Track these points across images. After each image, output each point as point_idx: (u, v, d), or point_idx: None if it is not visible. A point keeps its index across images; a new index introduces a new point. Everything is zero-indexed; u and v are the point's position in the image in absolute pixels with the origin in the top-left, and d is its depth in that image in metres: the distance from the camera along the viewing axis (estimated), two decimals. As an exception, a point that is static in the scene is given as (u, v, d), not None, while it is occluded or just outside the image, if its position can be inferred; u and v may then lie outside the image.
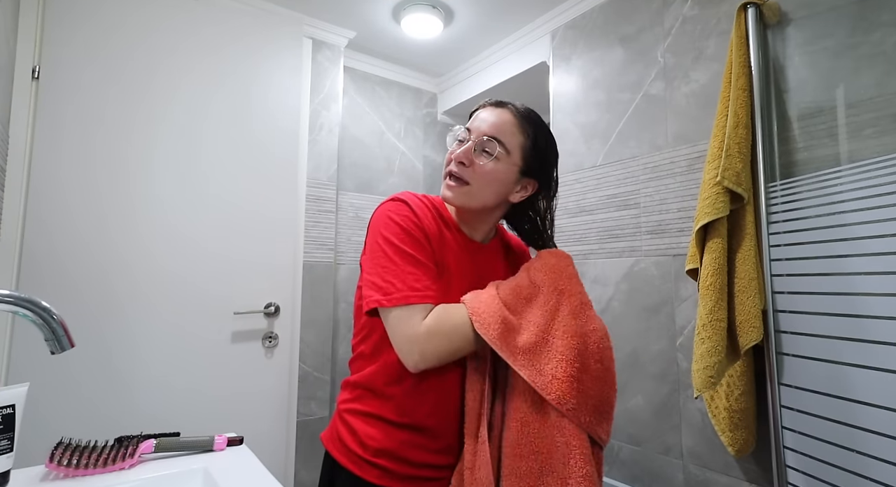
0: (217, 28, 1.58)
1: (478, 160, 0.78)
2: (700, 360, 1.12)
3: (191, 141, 1.51)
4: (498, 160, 0.78)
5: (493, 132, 0.78)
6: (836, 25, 1.10)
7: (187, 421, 1.41)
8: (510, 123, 0.79)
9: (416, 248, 0.75)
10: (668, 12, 1.51)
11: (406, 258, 0.74)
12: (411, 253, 0.74)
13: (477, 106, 0.85)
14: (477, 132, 0.79)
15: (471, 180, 0.78)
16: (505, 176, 0.79)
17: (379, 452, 0.76)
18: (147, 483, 0.73)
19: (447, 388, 0.78)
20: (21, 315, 0.64)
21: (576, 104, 1.80)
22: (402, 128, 2.38)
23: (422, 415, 0.77)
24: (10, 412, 0.69)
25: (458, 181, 0.78)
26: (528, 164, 0.81)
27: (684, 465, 1.38)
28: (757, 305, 1.10)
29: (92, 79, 1.38)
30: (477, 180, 0.78)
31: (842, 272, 0.98)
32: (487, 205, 0.81)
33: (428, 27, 1.90)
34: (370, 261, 0.76)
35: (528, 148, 0.80)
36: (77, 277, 1.29)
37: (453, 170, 0.79)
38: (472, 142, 0.78)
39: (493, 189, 0.79)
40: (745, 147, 1.13)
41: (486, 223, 0.86)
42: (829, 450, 0.99)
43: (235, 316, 1.54)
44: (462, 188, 0.78)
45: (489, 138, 0.77)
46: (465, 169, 0.78)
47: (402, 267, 0.73)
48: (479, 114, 0.82)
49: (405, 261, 0.73)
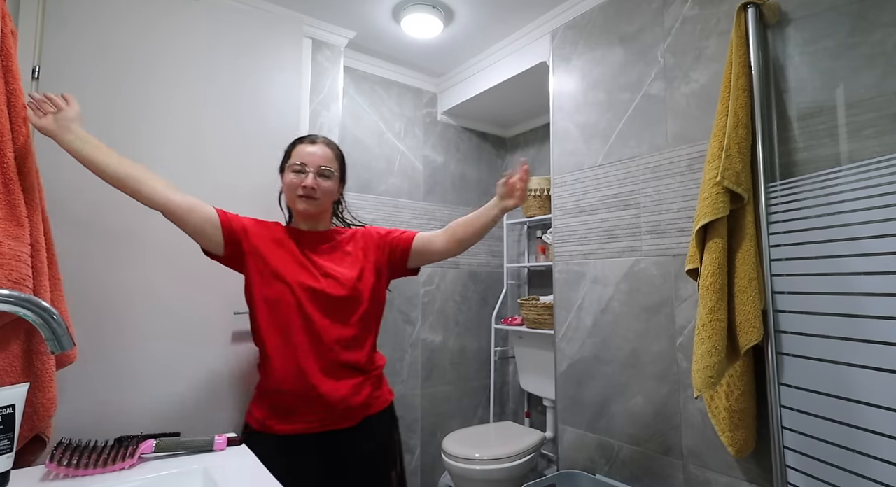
0: (217, 28, 1.58)
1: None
2: (700, 360, 1.12)
3: (190, 140, 1.51)
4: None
5: (325, 162, 1.15)
6: (836, 25, 1.10)
7: (187, 422, 1.41)
8: (330, 154, 1.18)
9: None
10: (668, 12, 1.51)
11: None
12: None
13: (295, 142, 1.21)
14: (312, 164, 1.14)
15: (319, 196, 1.15)
16: (335, 187, 1.20)
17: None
18: (147, 483, 0.73)
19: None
20: (21, 315, 0.64)
21: (576, 104, 1.80)
22: (402, 128, 2.38)
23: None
24: (10, 412, 0.69)
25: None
26: (342, 175, 1.23)
27: (684, 465, 1.38)
28: (757, 305, 1.10)
29: (92, 79, 1.38)
30: (322, 195, 1.16)
31: (841, 272, 0.98)
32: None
33: (428, 27, 1.90)
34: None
35: (341, 165, 1.22)
36: (77, 276, 1.29)
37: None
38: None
39: (330, 198, 1.20)
40: (745, 147, 1.13)
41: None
42: (829, 450, 0.99)
43: (235, 316, 1.54)
44: (314, 201, 1.15)
45: (324, 167, 1.15)
46: (314, 191, 1.13)
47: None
48: (304, 148, 1.17)
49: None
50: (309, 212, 1.15)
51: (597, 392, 1.64)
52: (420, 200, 2.41)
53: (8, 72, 0.97)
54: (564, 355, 1.76)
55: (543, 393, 2.19)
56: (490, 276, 2.64)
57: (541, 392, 2.21)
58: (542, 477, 1.60)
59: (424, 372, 2.33)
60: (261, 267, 1.12)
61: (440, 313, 2.42)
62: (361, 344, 1.15)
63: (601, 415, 1.62)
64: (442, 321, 2.42)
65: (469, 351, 2.54)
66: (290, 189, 1.15)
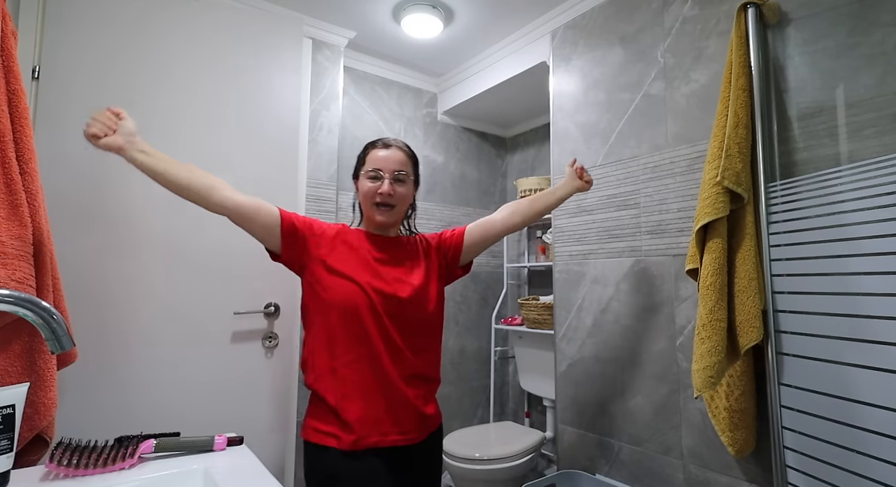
0: (216, 28, 1.58)
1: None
2: (700, 360, 1.12)
3: (190, 140, 1.51)
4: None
5: (400, 167, 1.11)
6: (836, 25, 1.10)
7: (187, 421, 1.41)
8: (404, 158, 1.14)
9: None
10: (668, 12, 1.51)
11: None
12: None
13: (369, 147, 1.17)
14: (388, 170, 1.10)
15: (396, 203, 1.11)
16: (411, 192, 1.17)
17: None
18: (147, 483, 0.73)
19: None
20: (21, 315, 0.64)
21: (576, 104, 1.80)
22: (402, 128, 2.38)
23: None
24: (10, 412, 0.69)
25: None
26: (416, 179, 1.20)
27: (684, 465, 1.38)
28: (757, 305, 1.10)
29: (92, 79, 1.38)
30: (399, 202, 1.12)
31: (842, 272, 0.98)
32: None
33: (428, 27, 1.90)
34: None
35: (415, 169, 1.19)
36: (76, 277, 1.29)
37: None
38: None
39: (407, 204, 1.17)
40: (745, 147, 1.13)
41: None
42: (829, 450, 0.99)
43: (235, 316, 1.54)
44: (392, 211, 1.12)
45: (399, 171, 1.11)
46: (391, 198, 1.10)
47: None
48: (378, 153, 1.13)
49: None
50: (387, 223, 1.12)
51: (597, 392, 1.64)
52: (420, 200, 2.40)
53: (9, 72, 0.97)
54: (564, 355, 1.76)
55: (543, 393, 2.19)
56: (490, 276, 2.64)
57: (541, 392, 2.21)
58: (542, 477, 1.60)
59: (424, 371, 2.33)
60: (328, 269, 1.06)
61: (440, 313, 2.42)
62: (429, 353, 1.12)
63: (601, 415, 1.62)
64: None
65: (469, 351, 2.54)
66: (367, 197, 1.11)
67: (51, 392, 0.96)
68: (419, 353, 1.08)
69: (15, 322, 0.91)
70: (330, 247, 1.09)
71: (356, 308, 1.03)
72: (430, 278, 1.14)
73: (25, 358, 0.94)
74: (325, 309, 1.04)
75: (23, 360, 0.94)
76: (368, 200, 1.11)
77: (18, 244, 0.91)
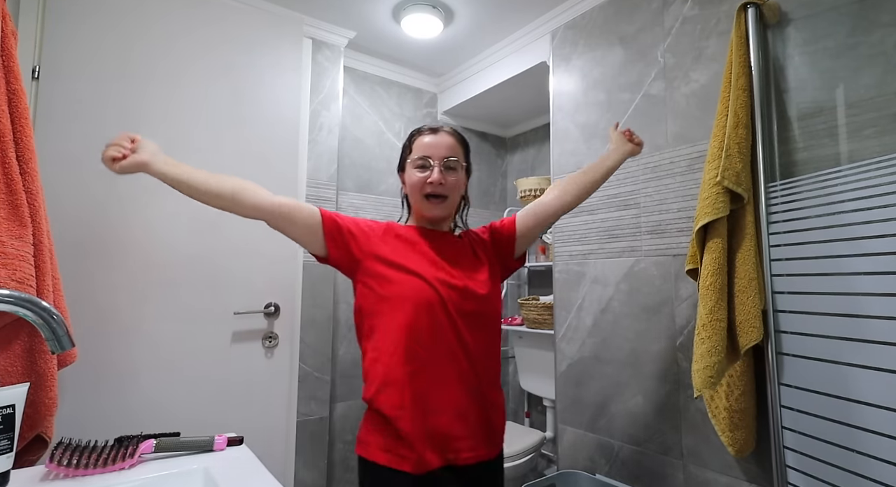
0: (216, 28, 1.58)
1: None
2: (700, 360, 1.12)
3: (190, 140, 1.51)
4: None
5: (451, 153, 1.01)
6: (836, 25, 1.10)
7: (187, 421, 1.41)
8: (454, 143, 1.04)
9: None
10: (668, 12, 1.51)
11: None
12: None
13: (416, 133, 1.06)
14: (437, 156, 1.00)
15: (448, 193, 1.01)
16: (463, 181, 1.06)
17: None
18: (147, 483, 0.73)
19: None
20: (21, 315, 0.64)
21: (576, 104, 1.80)
22: (403, 128, 2.38)
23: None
24: (10, 412, 0.69)
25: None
26: (468, 166, 1.09)
27: (684, 465, 1.38)
28: (757, 305, 1.10)
29: (92, 79, 1.38)
30: (451, 192, 1.02)
31: (842, 272, 0.98)
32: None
33: (428, 27, 1.90)
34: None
35: (467, 155, 1.08)
36: (76, 277, 1.29)
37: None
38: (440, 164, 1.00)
39: (459, 194, 1.06)
40: (745, 147, 1.13)
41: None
42: (829, 450, 0.99)
43: (235, 316, 1.54)
44: (444, 203, 1.02)
45: (450, 158, 1.01)
46: (442, 187, 1.00)
47: None
48: (425, 139, 1.02)
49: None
50: (440, 217, 1.03)
51: (597, 392, 1.64)
52: (420, 200, 2.41)
53: (9, 72, 0.97)
54: (564, 355, 1.76)
55: (543, 393, 2.19)
56: (490, 276, 2.64)
57: (541, 392, 2.21)
58: (542, 477, 1.60)
59: (425, 371, 2.33)
60: (386, 263, 0.96)
61: (440, 313, 2.42)
62: (496, 357, 1.00)
63: (601, 415, 1.62)
64: (442, 321, 2.42)
65: (469, 350, 2.53)
66: (415, 189, 1.01)
67: (51, 392, 0.97)
68: (491, 358, 0.98)
69: (15, 322, 0.91)
70: (382, 242, 0.99)
71: (425, 305, 0.91)
72: (491, 277, 1.03)
73: (25, 358, 0.94)
74: (386, 308, 0.93)
75: (23, 360, 0.94)
76: (417, 192, 1.00)
77: (18, 244, 0.91)
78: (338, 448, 2.01)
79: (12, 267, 0.89)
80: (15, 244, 0.90)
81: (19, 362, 0.93)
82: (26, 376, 0.93)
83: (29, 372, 0.94)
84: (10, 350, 0.92)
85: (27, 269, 0.92)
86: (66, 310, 1.07)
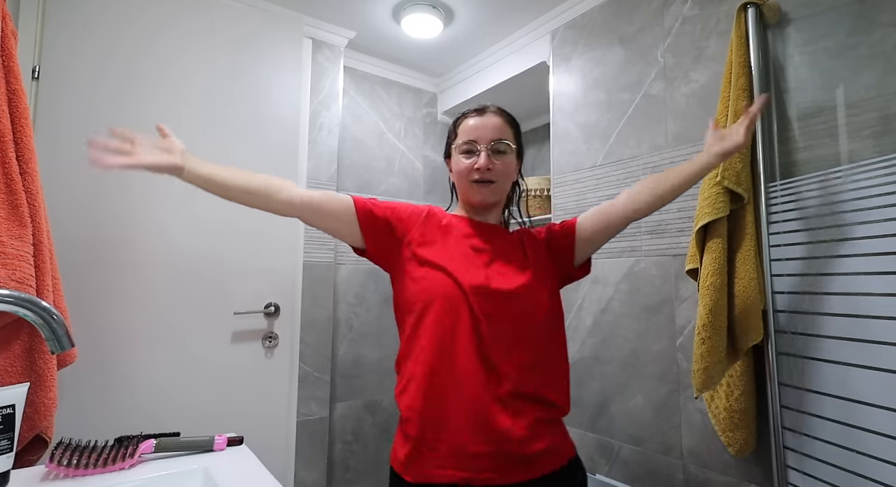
0: (216, 27, 1.58)
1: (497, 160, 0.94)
2: (700, 360, 1.12)
3: (190, 140, 1.50)
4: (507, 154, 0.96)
5: (498, 135, 0.95)
6: (836, 25, 1.10)
7: (187, 421, 1.41)
8: (502, 123, 0.97)
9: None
10: (668, 12, 1.51)
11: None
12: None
13: (461, 116, 1.00)
14: (484, 139, 0.94)
15: (496, 178, 0.94)
16: (514, 165, 0.99)
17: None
18: (147, 483, 0.73)
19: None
20: (21, 315, 0.64)
21: (576, 104, 1.79)
22: (402, 128, 2.38)
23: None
24: (10, 412, 0.69)
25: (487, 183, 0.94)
26: (519, 149, 1.01)
27: (684, 465, 1.38)
28: (757, 305, 1.10)
29: (92, 79, 1.38)
30: (500, 177, 0.94)
31: (842, 272, 0.98)
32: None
33: (428, 27, 1.90)
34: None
35: (517, 136, 1.01)
36: (76, 277, 1.29)
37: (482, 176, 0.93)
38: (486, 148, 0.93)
39: (510, 179, 0.99)
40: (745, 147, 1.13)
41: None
42: (829, 450, 0.99)
43: (235, 316, 1.54)
44: (491, 187, 0.94)
45: (497, 140, 0.94)
46: (490, 173, 0.93)
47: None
48: (471, 122, 0.97)
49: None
50: (487, 201, 0.95)
51: (597, 392, 1.64)
52: (420, 200, 2.41)
53: (9, 72, 0.97)
54: (564, 355, 1.76)
55: (543, 393, 2.19)
56: (490, 276, 2.63)
57: (541, 392, 2.21)
58: (543, 477, 1.60)
59: (425, 371, 2.33)
60: (416, 258, 0.90)
61: (440, 313, 2.42)
62: (543, 370, 0.88)
63: (601, 415, 1.62)
64: (442, 321, 2.42)
65: (469, 351, 2.53)
66: (462, 175, 0.94)
67: (51, 392, 0.97)
68: (527, 369, 0.85)
69: (15, 322, 0.91)
70: (420, 231, 0.93)
71: (444, 304, 0.85)
72: (540, 279, 0.92)
73: (25, 358, 0.94)
74: (410, 305, 0.89)
75: (23, 360, 0.94)
76: (464, 179, 0.94)
77: (18, 244, 0.91)
78: (338, 448, 2.01)
79: (12, 267, 0.89)
80: (15, 244, 0.90)
81: (19, 362, 0.93)
82: (26, 376, 0.93)
83: (29, 372, 0.94)
84: (10, 350, 0.92)
85: (27, 269, 0.92)
86: (66, 310, 1.07)
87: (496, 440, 0.81)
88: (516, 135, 0.99)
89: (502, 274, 0.89)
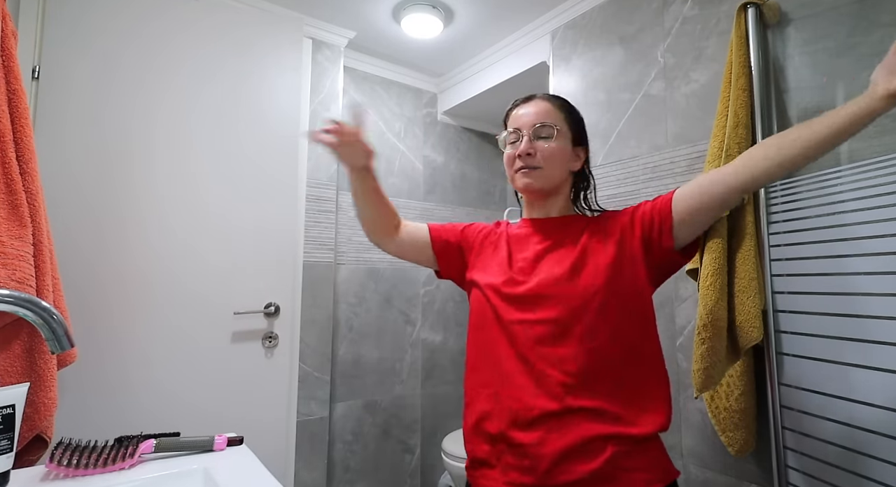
0: (216, 28, 1.58)
1: (539, 145, 0.87)
2: (700, 360, 1.12)
3: (190, 140, 1.51)
4: (553, 139, 0.87)
5: (541, 119, 0.88)
6: (836, 25, 1.10)
7: (187, 421, 1.41)
8: (548, 107, 0.90)
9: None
10: (668, 12, 1.51)
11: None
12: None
13: (510, 107, 0.94)
14: (526, 125, 0.88)
15: (541, 164, 0.86)
16: (564, 150, 0.89)
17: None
18: (147, 483, 0.73)
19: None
20: (21, 315, 0.64)
21: (576, 104, 1.78)
22: (402, 128, 2.38)
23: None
24: (10, 412, 0.69)
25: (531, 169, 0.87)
26: (575, 135, 0.92)
27: (684, 465, 1.38)
28: (757, 305, 1.10)
29: (91, 79, 1.38)
30: (546, 162, 0.87)
31: (842, 272, 0.98)
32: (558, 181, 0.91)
33: (428, 27, 1.90)
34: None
35: (570, 121, 0.91)
36: (76, 277, 1.29)
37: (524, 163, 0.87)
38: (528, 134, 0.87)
39: (560, 165, 0.88)
40: (745, 147, 1.13)
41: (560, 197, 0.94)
42: (829, 450, 0.99)
43: (235, 317, 1.54)
44: (536, 172, 0.87)
45: (540, 124, 0.87)
46: (531, 158, 0.86)
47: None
48: (517, 112, 0.91)
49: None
50: (531, 187, 0.87)
51: (597, 392, 1.64)
52: (420, 200, 2.41)
53: (9, 72, 0.97)
54: (564, 355, 1.76)
55: (543, 393, 2.19)
56: (490, 276, 2.63)
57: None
58: (543, 477, 1.60)
59: (424, 371, 2.33)
60: (470, 281, 0.93)
61: (440, 313, 2.42)
62: (596, 377, 0.77)
63: (601, 415, 1.62)
64: (442, 321, 2.42)
65: (469, 351, 2.53)
66: (508, 165, 0.90)
67: (51, 392, 0.97)
68: (584, 376, 0.76)
69: (15, 322, 0.91)
70: (477, 252, 0.95)
71: (480, 320, 0.86)
72: (596, 264, 0.81)
73: (25, 358, 0.94)
74: (468, 328, 0.91)
75: (23, 360, 0.94)
76: (510, 169, 0.89)
77: (18, 244, 0.91)
78: (338, 448, 2.01)
79: (12, 267, 0.89)
80: (15, 244, 0.90)
81: (19, 362, 0.93)
82: (26, 376, 0.93)
83: (29, 372, 0.94)
84: (10, 350, 0.92)
85: (27, 269, 0.92)
86: (66, 310, 1.07)
87: (520, 452, 0.79)
88: (569, 119, 0.90)
89: (537, 269, 0.83)
